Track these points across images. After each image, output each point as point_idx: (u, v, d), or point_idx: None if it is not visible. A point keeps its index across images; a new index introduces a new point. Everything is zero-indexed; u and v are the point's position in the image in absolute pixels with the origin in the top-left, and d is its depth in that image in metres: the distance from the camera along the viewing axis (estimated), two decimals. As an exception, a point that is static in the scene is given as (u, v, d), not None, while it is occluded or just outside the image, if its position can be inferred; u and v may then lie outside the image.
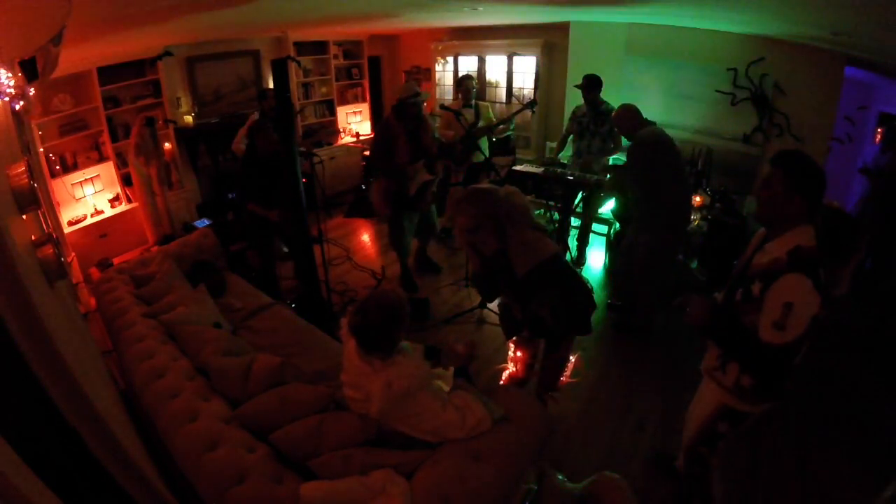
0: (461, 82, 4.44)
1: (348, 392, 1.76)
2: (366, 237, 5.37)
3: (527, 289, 1.92)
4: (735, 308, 1.61)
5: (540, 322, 1.94)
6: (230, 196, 5.21)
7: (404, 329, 1.65)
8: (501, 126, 4.44)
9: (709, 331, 1.64)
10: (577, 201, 4.31)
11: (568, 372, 2.50)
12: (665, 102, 4.60)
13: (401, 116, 3.51)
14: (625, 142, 4.11)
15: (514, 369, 2.48)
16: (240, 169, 3.63)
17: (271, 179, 3.33)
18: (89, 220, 4.41)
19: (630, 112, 3.05)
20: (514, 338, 2.41)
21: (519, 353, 2.45)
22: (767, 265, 1.51)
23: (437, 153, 3.75)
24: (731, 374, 1.66)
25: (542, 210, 4.97)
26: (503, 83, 6.16)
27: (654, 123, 3.05)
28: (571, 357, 2.48)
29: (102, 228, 4.47)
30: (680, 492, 2.20)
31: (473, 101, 4.41)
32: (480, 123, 4.39)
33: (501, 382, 2.52)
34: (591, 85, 3.86)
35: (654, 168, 2.99)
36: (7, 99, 1.58)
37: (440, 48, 6.41)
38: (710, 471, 1.92)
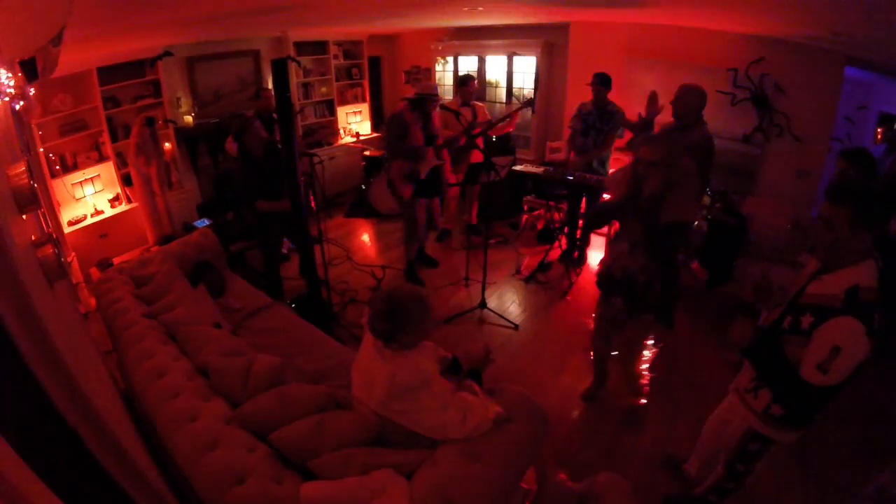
0: (465, 82, 4.46)
1: (355, 378, 1.77)
2: (366, 237, 5.37)
3: (660, 238, 2.06)
4: (781, 335, 1.54)
5: (633, 278, 2.15)
6: (231, 196, 5.21)
7: (413, 325, 1.63)
8: (500, 124, 4.46)
9: (750, 353, 1.61)
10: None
11: (647, 363, 2.54)
12: (665, 102, 4.60)
13: (416, 108, 3.71)
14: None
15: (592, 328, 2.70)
16: (237, 171, 3.65)
17: (273, 173, 3.34)
18: (89, 220, 4.41)
19: (705, 97, 2.93)
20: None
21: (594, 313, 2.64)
22: (822, 300, 1.42)
23: (441, 144, 3.87)
24: (763, 399, 1.64)
25: (544, 210, 4.99)
26: (503, 83, 6.17)
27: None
28: (649, 349, 2.54)
29: (102, 228, 4.47)
30: (683, 495, 2.19)
31: (471, 102, 4.44)
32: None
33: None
34: (602, 82, 3.87)
35: None
36: (7, 99, 1.58)
37: (440, 48, 6.41)
38: (743, 488, 1.90)
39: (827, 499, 2.24)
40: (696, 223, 2.08)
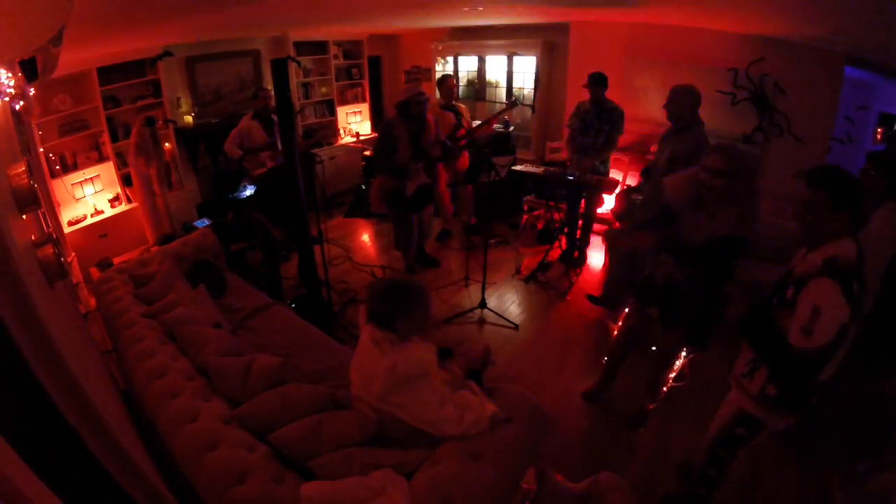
0: (443, 81, 4.45)
1: (354, 377, 1.77)
2: (366, 237, 5.37)
3: (709, 251, 2.03)
4: (772, 311, 1.63)
5: (675, 288, 2.13)
6: (231, 196, 5.20)
7: (411, 307, 1.66)
8: (485, 126, 4.47)
9: (744, 326, 1.66)
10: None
11: (674, 373, 2.55)
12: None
13: (405, 116, 3.59)
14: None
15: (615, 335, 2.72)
16: (263, 180, 3.63)
17: (286, 202, 3.31)
18: (89, 220, 4.41)
19: (698, 98, 2.91)
20: (626, 310, 2.63)
21: (620, 322, 2.67)
22: (804, 273, 1.51)
23: (439, 155, 3.80)
24: (759, 381, 1.67)
25: (544, 210, 4.99)
26: (503, 83, 6.17)
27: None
28: (679, 359, 2.54)
29: (102, 228, 4.47)
30: (683, 494, 2.19)
31: (453, 103, 4.43)
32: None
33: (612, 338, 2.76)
34: (598, 82, 3.85)
35: None
36: (7, 99, 1.58)
37: (440, 48, 6.41)
38: (724, 476, 1.91)
39: (826, 497, 2.24)
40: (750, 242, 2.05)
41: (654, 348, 2.62)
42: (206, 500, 1.50)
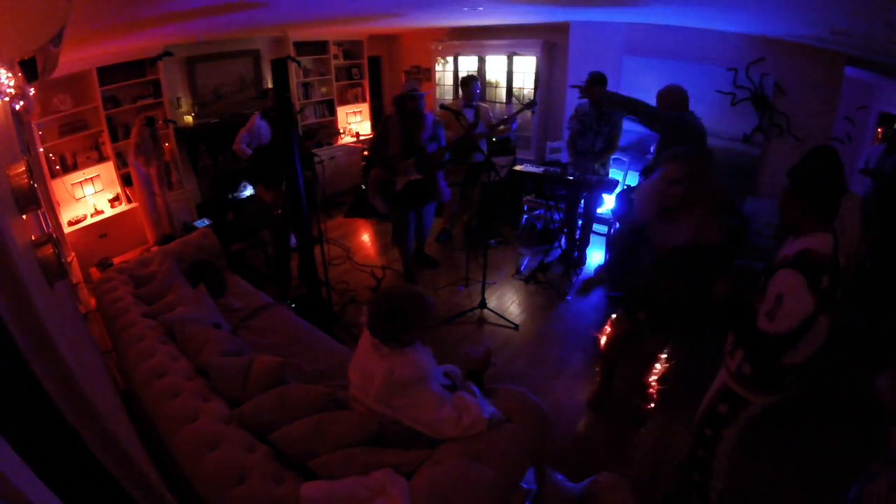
0: (467, 83, 4.44)
1: (353, 378, 1.78)
2: (366, 237, 5.37)
3: (681, 260, 2.05)
4: (751, 297, 1.70)
5: (658, 294, 2.13)
6: (231, 196, 5.22)
7: (413, 323, 1.67)
8: (502, 127, 4.45)
9: (724, 307, 1.72)
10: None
11: (657, 375, 2.56)
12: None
13: (401, 111, 3.63)
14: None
15: (603, 343, 2.71)
16: (252, 157, 3.66)
17: (277, 164, 3.38)
18: (89, 220, 4.41)
19: (680, 95, 2.92)
20: (613, 316, 2.64)
21: (608, 328, 2.65)
22: (777, 260, 1.59)
23: (444, 160, 3.81)
24: (736, 359, 1.74)
25: (544, 210, 4.99)
26: (503, 83, 6.17)
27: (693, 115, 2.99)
28: (660, 363, 2.57)
29: (102, 228, 4.47)
30: (681, 491, 2.19)
31: (474, 103, 4.42)
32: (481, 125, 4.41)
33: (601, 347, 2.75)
34: (597, 81, 3.82)
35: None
36: (7, 99, 1.58)
37: (440, 48, 6.41)
38: (713, 457, 1.92)
39: (825, 499, 2.24)
40: (720, 245, 2.05)
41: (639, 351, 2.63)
42: (206, 500, 1.51)
